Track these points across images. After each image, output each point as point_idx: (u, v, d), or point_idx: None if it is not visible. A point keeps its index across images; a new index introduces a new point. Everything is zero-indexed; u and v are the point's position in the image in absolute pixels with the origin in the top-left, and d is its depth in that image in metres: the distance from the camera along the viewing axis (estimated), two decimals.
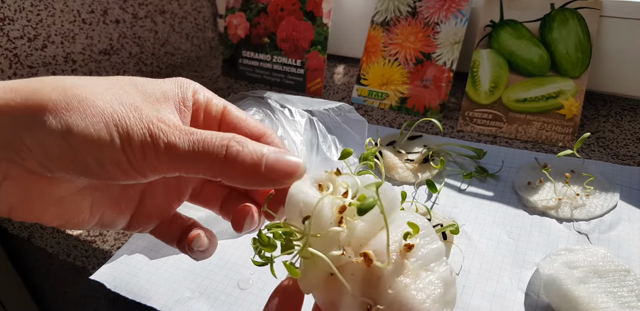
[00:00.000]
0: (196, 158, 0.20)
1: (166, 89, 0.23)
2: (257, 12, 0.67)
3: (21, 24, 0.53)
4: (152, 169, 0.20)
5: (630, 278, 0.34)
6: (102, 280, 0.38)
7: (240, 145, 0.20)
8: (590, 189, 0.43)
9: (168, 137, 0.20)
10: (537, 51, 0.53)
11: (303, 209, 0.20)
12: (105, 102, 0.20)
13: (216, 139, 0.20)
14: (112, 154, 0.19)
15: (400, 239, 0.20)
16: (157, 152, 0.20)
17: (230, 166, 0.20)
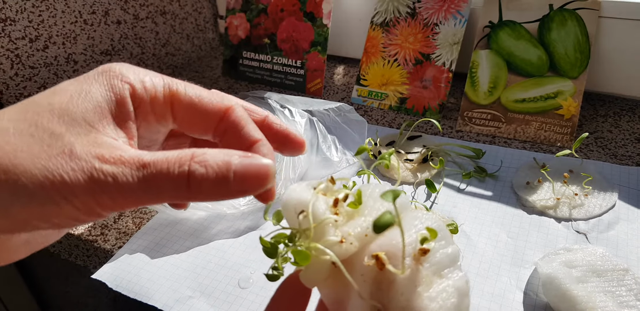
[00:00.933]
0: (157, 192, 0.18)
1: (97, 99, 0.19)
2: (258, 13, 0.68)
3: (23, 24, 0.53)
4: (109, 210, 0.18)
5: (628, 277, 0.34)
6: (103, 279, 0.38)
7: (203, 166, 0.18)
8: (589, 189, 0.43)
9: (118, 179, 0.17)
10: (535, 52, 0.53)
11: (297, 206, 0.20)
12: (34, 161, 0.17)
13: (174, 166, 0.18)
14: (61, 214, 0.17)
15: (415, 242, 0.19)
16: (112, 197, 0.18)
17: (196, 191, 0.18)
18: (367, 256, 0.19)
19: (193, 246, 0.42)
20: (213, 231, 0.43)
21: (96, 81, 0.20)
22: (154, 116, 0.22)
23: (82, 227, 0.45)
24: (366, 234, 0.20)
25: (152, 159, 0.18)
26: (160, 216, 0.45)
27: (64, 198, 0.17)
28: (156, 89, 0.21)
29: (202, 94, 0.22)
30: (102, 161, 0.18)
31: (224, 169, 0.18)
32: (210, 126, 0.23)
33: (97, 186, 0.17)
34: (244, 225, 0.44)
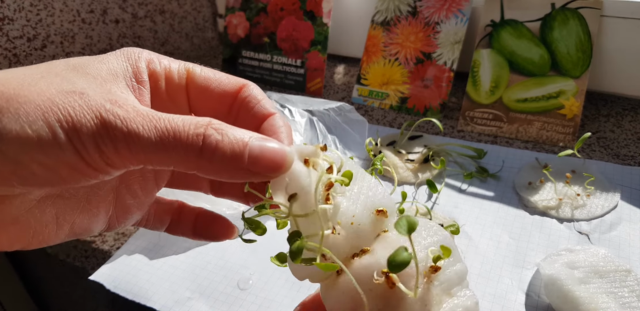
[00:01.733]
0: (166, 150, 0.17)
1: (113, 65, 0.19)
2: (257, 12, 0.67)
3: (20, 23, 0.53)
4: (113, 165, 0.17)
5: (631, 278, 0.34)
6: (101, 281, 0.38)
7: (220, 133, 0.17)
8: (591, 189, 0.43)
9: (127, 125, 0.16)
10: (537, 51, 0.53)
11: (289, 185, 0.19)
12: (40, 93, 0.16)
13: (190, 127, 0.17)
14: (61, 156, 0.16)
15: (426, 259, 0.18)
16: (116, 145, 0.16)
17: (207, 159, 0.17)
18: (377, 272, 0.18)
19: (192, 247, 0.41)
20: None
21: (114, 54, 0.20)
22: (167, 94, 0.21)
23: None
24: (352, 222, 0.19)
25: (166, 115, 0.17)
26: None
27: (67, 135, 0.16)
28: (171, 66, 0.21)
29: (218, 73, 0.22)
30: (114, 104, 0.17)
31: (241, 144, 0.17)
32: (226, 104, 0.22)
33: (103, 130, 0.16)
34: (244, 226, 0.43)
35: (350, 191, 0.20)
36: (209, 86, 0.21)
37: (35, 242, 0.19)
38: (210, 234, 0.24)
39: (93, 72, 0.18)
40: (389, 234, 0.20)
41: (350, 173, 0.20)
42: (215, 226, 0.24)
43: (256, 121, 0.21)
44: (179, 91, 0.21)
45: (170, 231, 0.25)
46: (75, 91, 0.17)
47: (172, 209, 0.25)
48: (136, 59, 0.20)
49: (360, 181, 0.20)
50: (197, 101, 0.22)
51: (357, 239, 0.19)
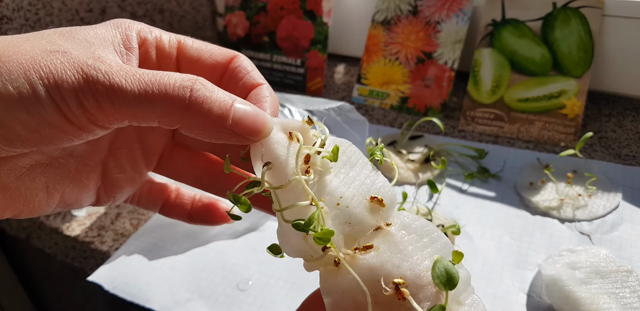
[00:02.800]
0: (150, 102, 0.16)
1: (101, 31, 0.19)
2: (257, 11, 0.67)
3: (19, 23, 0.52)
4: (97, 122, 0.17)
5: (632, 278, 0.34)
6: (100, 282, 0.38)
7: (207, 90, 0.17)
8: (593, 189, 0.43)
9: (110, 78, 0.16)
10: (539, 50, 0.53)
11: (264, 154, 0.18)
12: (24, 53, 0.16)
13: (176, 79, 0.17)
14: (42, 113, 0.16)
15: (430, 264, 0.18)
16: (98, 99, 0.16)
17: (194, 113, 0.17)
18: (383, 278, 0.17)
19: (191, 248, 0.41)
20: (212, 233, 0.42)
21: (104, 23, 0.20)
22: (157, 63, 0.21)
23: (78, 228, 0.44)
24: (338, 203, 0.18)
25: (152, 71, 0.17)
26: (158, 217, 0.44)
27: (47, 92, 0.16)
28: (162, 36, 0.21)
29: (209, 45, 0.22)
30: (97, 60, 0.17)
31: (227, 103, 0.18)
32: (216, 74, 0.22)
33: (85, 84, 0.16)
34: (243, 226, 0.43)
35: (346, 175, 0.19)
36: (200, 57, 0.22)
37: (26, 210, 0.19)
38: (206, 219, 0.24)
39: (80, 36, 0.18)
40: (393, 231, 0.19)
41: (337, 148, 0.19)
42: (212, 211, 0.24)
43: (245, 91, 0.22)
44: (169, 60, 0.21)
45: (164, 213, 0.25)
46: (59, 50, 0.17)
47: (166, 191, 0.25)
48: (126, 27, 0.20)
49: (360, 168, 0.20)
50: (188, 72, 0.22)
51: (348, 225, 0.18)
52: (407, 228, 0.19)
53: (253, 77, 0.22)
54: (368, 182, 0.19)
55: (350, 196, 0.19)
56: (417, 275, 0.17)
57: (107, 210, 0.46)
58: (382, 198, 0.19)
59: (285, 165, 0.18)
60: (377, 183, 0.20)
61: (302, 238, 0.18)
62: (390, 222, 0.19)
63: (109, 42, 0.19)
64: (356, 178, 0.19)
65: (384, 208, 0.19)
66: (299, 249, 0.18)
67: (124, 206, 0.46)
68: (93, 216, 0.45)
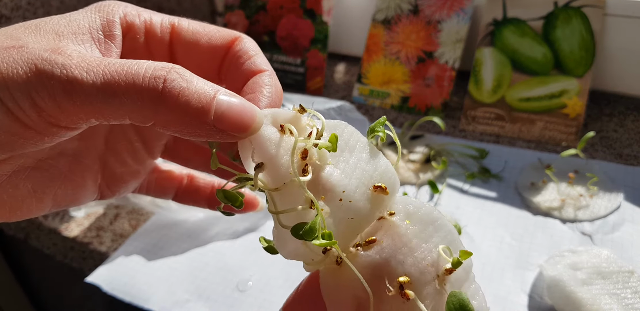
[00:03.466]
0: (117, 96, 0.14)
1: (77, 18, 0.17)
2: (256, 10, 0.67)
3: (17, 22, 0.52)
4: (58, 123, 0.15)
5: (634, 279, 0.33)
6: (98, 282, 0.38)
7: (184, 80, 0.15)
8: (594, 189, 0.43)
9: (68, 72, 0.14)
10: (540, 50, 0.53)
11: (255, 153, 0.17)
12: None
13: (147, 69, 0.14)
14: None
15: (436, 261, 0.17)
16: (55, 97, 0.14)
17: (168, 107, 0.14)
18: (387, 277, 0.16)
19: (191, 248, 0.41)
20: (211, 233, 0.42)
21: (87, 8, 0.18)
22: (147, 50, 0.19)
23: (77, 228, 0.44)
24: (340, 199, 0.17)
25: (117, 60, 0.15)
26: (157, 217, 0.44)
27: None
28: (153, 19, 0.19)
29: (208, 27, 0.19)
30: (54, 52, 0.14)
31: (208, 95, 0.15)
32: (216, 60, 0.19)
33: (38, 81, 0.14)
34: (243, 226, 0.43)
35: (346, 163, 0.17)
36: (197, 41, 0.19)
37: (14, 216, 0.18)
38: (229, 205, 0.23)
39: (47, 27, 0.16)
40: (397, 221, 0.17)
41: (334, 137, 0.17)
42: None
43: (245, 79, 0.19)
44: (161, 46, 0.19)
45: (178, 199, 0.23)
46: (15, 45, 0.15)
47: (177, 178, 0.23)
48: (109, 11, 0.18)
49: (360, 152, 0.18)
50: (184, 58, 0.20)
51: (350, 220, 0.17)
52: (412, 217, 0.18)
53: (254, 63, 0.19)
54: (369, 168, 0.18)
55: (353, 188, 0.17)
56: (422, 270, 0.17)
57: (106, 211, 0.46)
58: (385, 185, 0.18)
59: (279, 164, 0.16)
60: (379, 167, 0.18)
61: (301, 243, 0.17)
62: (393, 211, 0.18)
63: (85, 29, 0.17)
64: (357, 165, 0.18)
65: (387, 196, 0.18)
66: (298, 254, 0.17)
67: (123, 206, 0.46)
68: (92, 216, 0.45)
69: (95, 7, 0.18)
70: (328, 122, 0.18)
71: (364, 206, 0.17)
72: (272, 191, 0.17)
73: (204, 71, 0.20)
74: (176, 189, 0.23)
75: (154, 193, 0.23)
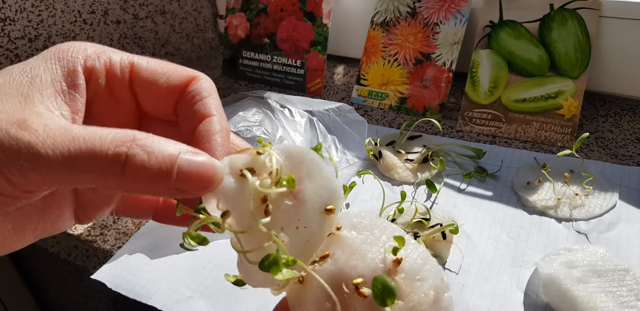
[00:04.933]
0: (82, 172, 0.15)
1: (39, 72, 0.17)
2: (257, 13, 0.67)
3: (22, 24, 0.53)
4: (30, 190, 0.16)
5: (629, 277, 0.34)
6: (103, 280, 0.38)
7: (146, 151, 0.15)
8: (590, 189, 0.43)
9: (34, 151, 0.15)
10: (536, 51, 0.53)
11: (220, 202, 0.18)
12: None
13: (109, 145, 0.15)
14: None
15: (383, 256, 0.18)
16: (24, 172, 0.15)
17: (131, 179, 0.15)
18: (344, 283, 0.18)
19: None
20: None
21: (44, 56, 0.18)
22: (109, 91, 0.19)
23: (81, 227, 0.45)
24: (297, 227, 0.18)
25: (82, 132, 0.15)
26: None
27: None
28: (112, 61, 0.19)
29: (168, 66, 0.20)
30: (21, 127, 0.15)
31: (169, 162, 0.16)
32: (173, 99, 0.20)
33: (7, 159, 0.15)
34: None
35: (305, 192, 0.19)
36: (156, 81, 0.20)
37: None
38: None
39: (13, 90, 0.16)
40: (343, 235, 0.19)
41: (292, 179, 0.18)
42: None
43: (195, 121, 0.19)
44: (122, 86, 0.20)
45: (158, 219, 0.23)
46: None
47: (151, 199, 0.23)
48: (69, 59, 0.18)
49: (317, 178, 0.19)
50: (143, 97, 0.20)
51: (306, 243, 0.19)
52: (356, 227, 0.19)
53: (205, 105, 0.19)
54: (325, 193, 0.19)
55: (308, 215, 0.19)
56: (373, 269, 0.18)
57: None
58: (334, 206, 0.19)
59: (242, 210, 0.18)
60: (331, 189, 0.19)
61: (268, 274, 0.18)
62: (339, 226, 0.19)
63: (47, 83, 0.17)
64: (316, 192, 0.19)
65: (334, 215, 0.19)
66: (265, 283, 0.19)
67: None
68: None
69: (55, 55, 0.18)
70: (291, 149, 0.19)
71: (317, 229, 0.19)
72: (239, 233, 0.18)
73: (161, 108, 0.21)
74: (154, 208, 0.23)
75: (131, 213, 0.23)
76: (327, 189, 0.19)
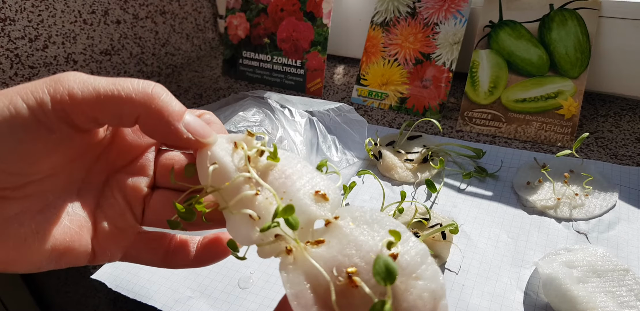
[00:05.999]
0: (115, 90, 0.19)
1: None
2: (257, 13, 0.67)
3: (22, 24, 0.53)
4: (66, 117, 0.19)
5: (629, 277, 0.34)
6: (103, 280, 0.38)
7: (165, 91, 0.20)
8: (589, 189, 0.43)
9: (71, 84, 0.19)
10: (536, 51, 0.53)
11: (210, 159, 0.20)
12: None
13: (138, 81, 0.20)
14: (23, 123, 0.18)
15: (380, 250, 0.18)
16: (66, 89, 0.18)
17: (154, 103, 0.19)
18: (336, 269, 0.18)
19: None
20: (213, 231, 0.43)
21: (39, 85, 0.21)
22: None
23: None
24: (282, 198, 0.20)
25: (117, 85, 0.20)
26: None
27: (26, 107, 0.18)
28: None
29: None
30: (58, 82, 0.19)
31: (183, 108, 0.20)
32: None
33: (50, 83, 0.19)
34: None
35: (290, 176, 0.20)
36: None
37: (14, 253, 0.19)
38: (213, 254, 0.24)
39: None
40: (342, 224, 0.19)
41: (275, 146, 0.21)
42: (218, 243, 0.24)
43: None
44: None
45: (167, 264, 0.24)
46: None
47: (165, 238, 0.24)
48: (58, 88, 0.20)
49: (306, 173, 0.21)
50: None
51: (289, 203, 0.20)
52: (357, 220, 0.19)
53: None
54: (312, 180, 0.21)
55: (294, 190, 0.20)
56: (367, 261, 0.18)
57: None
58: (326, 193, 0.20)
59: (229, 169, 0.20)
60: (321, 182, 0.21)
61: (251, 226, 0.19)
62: (338, 215, 0.20)
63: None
64: (302, 176, 0.21)
65: (328, 202, 0.20)
66: (250, 236, 0.19)
67: None
68: None
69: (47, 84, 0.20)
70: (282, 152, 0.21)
71: (304, 204, 0.20)
72: (222, 188, 0.20)
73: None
74: (165, 249, 0.24)
75: (144, 257, 0.24)
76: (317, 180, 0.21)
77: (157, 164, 0.24)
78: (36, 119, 0.18)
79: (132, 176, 0.23)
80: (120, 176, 0.23)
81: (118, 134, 0.23)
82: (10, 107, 0.18)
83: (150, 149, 0.24)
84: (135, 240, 0.24)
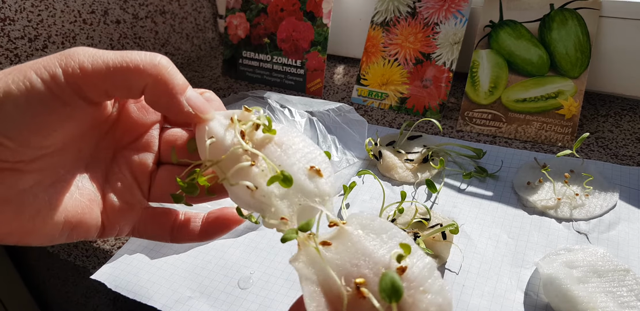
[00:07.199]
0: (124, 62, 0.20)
1: None
2: (257, 13, 0.67)
3: (22, 24, 0.53)
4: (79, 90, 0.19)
5: (629, 277, 0.34)
6: (102, 280, 0.38)
7: (171, 64, 0.21)
8: (590, 189, 0.43)
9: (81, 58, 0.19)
10: (536, 51, 0.53)
11: (208, 133, 0.21)
12: None
13: (145, 53, 0.20)
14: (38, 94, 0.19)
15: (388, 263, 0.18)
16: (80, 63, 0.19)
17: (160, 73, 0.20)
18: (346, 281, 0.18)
19: (192, 247, 0.41)
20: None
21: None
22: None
23: None
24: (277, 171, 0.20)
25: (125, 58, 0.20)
26: None
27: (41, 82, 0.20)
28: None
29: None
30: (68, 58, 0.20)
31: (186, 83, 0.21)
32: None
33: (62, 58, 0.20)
34: (243, 225, 0.44)
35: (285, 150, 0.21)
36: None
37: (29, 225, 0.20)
38: (220, 227, 0.24)
39: None
40: (350, 230, 0.19)
41: (269, 118, 0.22)
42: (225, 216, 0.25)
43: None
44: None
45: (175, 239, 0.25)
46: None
47: (172, 214, 0.25)
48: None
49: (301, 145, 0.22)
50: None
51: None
52: (365, 228, 0.19)
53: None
54: (308, 155, 0.21)
55: (289, 164, 0.21)
56: (376, 273, 0.18)
57: None
58: (319, 168, 0.21)
59: (226, 143, 0.21)
60: (317, 156, 0.21)
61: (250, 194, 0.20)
62: (345, 221, 0.20)
63: None
64: (297, 151, 0.21)
65: (322, 178, 0.21)
66: (250, 202, 0.20)
67: None
68: None
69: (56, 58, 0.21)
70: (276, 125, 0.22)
71: (299, 178, 0.21)
72: (219, 162, 0.21)
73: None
74: (172, 225, 0.25)
75: (151, 232, 0.25)
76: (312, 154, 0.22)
77: (161, 141, 0.24)
78: (50, 92, 0.19)
79: (139, 153, 0.24)
80: (127, 152, 0.24)
81: (124, 111, 0.23)
82: (26, 82, 0.19)
83: (154, 127, 0.24)
84: (142, 215, 0.24)
